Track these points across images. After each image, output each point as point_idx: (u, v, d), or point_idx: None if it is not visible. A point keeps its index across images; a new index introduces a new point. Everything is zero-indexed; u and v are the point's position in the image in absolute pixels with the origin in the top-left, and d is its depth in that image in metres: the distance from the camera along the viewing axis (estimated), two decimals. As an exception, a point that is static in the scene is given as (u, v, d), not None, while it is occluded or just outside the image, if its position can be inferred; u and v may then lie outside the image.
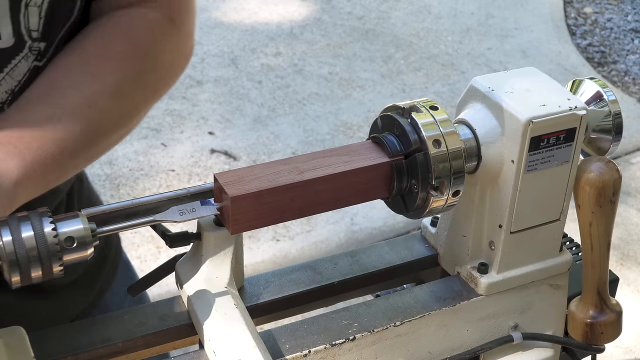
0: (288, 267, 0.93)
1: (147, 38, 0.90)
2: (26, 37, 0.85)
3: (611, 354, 2.33)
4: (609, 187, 0.84)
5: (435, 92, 3.51)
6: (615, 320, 0.90)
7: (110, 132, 0.87)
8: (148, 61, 0.90)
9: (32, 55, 0.88)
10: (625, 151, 3.22)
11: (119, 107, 0.87)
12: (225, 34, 3.82)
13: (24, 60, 0.87)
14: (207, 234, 0.81)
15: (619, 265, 2.66)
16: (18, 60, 0.86)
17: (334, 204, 0.80)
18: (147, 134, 3.11)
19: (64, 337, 0.82)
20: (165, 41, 0.92)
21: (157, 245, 2.55)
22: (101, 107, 0.84)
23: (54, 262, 0.69)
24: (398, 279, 0.97)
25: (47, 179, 0.80)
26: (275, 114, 3.29)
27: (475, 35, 3.98)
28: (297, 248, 2.65)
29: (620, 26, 4.20)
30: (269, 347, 0.79)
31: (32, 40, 0.86)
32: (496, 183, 0.85)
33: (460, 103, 0.87)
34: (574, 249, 1.04)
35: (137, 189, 2.85)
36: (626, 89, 3.72)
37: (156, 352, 0.85)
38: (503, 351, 0.91)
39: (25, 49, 0.86)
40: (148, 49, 0.90)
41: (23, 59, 0.87)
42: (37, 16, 0.85)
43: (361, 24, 4.00)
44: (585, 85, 0.90)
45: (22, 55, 0.86)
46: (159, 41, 0.91)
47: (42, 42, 0.88)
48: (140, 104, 0.91)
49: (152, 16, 0.91)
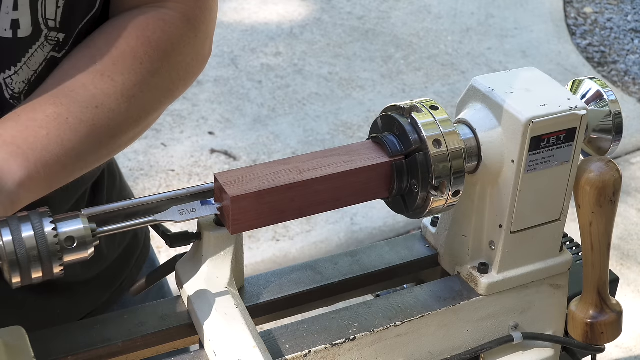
0: (288, 267, 0.93)
1: (162, 38, 0.88)
2: (42, 25, 0.84)
3: (611, 354, 2.32)
4: (609, 187, 0.84)
5: (435, 92, 3.51)
6: (616, 320, 0.90)
7: (119, 133, 0.85)
8: (162, 62, 0.87)
9: (49, 45, 0.86)
10: (625, 151, 3.22)
11: (128, 109, 0.85)
12: (225, 34, 3.82)
13: (40, 49, 0.85)
14: (207, 234, 0.81)
15: (619, 265, 2.66)
16: (35, 50, 0.85)
17: (334, 204, 0.80)
18: (147, 134, 3.11)
19: (64, 337, 0.82)
20: (182, 42, 0.89)
21: (157, 245, 2.55)
22: (110, 107, 0.83)
23: (54, 262, 0.69)
24: (398, 279, 0.97)
25: (51, 180, 0.78)
26: (275, 114, 3.29)
27: (475, 35, 3.98)
28: (297, 248, 2.65)
29: (620, 26, 4.20)
30: (269, 347, 0.79)
31: (49, 30, 0.85)
32: (496, 183, 0.85)
33: (460, 103, 0.87)
34: (574, 249, 1.04)
35: (137, 189, 2.85)
36: (626, 89, 3.72)
37: (156, 352, 0.85)
38: (503, 351, 0.91)
39: (42, 37, 0.85)
40: (162, 50, 0.88)
41: (39, 47, 0.85)
42: (54, 5, 0.83)
43: (361, 24, 4.00)
44: (586, 85, 0.90)
45: (39, 44, 0.85)
46: (175, 42, 0.89)
47: (60, 32, 0.86)
48: (152, 106, 0.88)
49: (169, 16, 0.89)
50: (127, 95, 0.84)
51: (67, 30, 0.87)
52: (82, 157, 0.81)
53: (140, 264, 1.15)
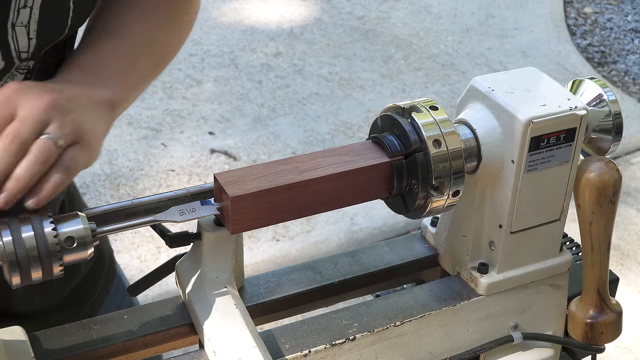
0: (288, 267, 0.93)
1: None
2: (15, 58, 0.89)
3: (611, 354, 2.32)
4: (609, 187, 0.84)
5: (435, 92, 3.51)
6: (615, 320, 0.90)
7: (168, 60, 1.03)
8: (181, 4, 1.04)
9: (20, 74, 0.92)
10: (625, 151, 3.22)
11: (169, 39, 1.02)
12: (225, 34, 3.82)
13: (9, 78, 0.91)
14: (207, 234, 0.81)
15: (619, 265, 2.66)
16: (4, 81, 0.90)
17: (334, 204, 0.80)
18: (147, 134, 3.11)
19: (64, 337, 0.82)
20: None
21: (157, 245, 2.55)
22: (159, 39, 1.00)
23: (54, 262, 0.69)
24: (398, 279, 0.97)
25: (128, 102, 0.93)
26: (275, 114, 3.29)
27: (475, 35, 3.98)
28: (297, 248, 2.65)
29: (620, 26, 4.20)
30: (269, 347, 0.79)
31: (21, 61, 0.90)
32: (496, 183, 0.85)
33: (460, 103, 0.87)
34: (574, 249, 1.04)
35: (137, 189, 2.85)
36: (626, 89, 3.72)
37: (156, 352, 0.85)
38: (503, 351, 0.91)
39: (13, 69, 0.90)
40: None
41: (9, 77, 0.91)
42: (25, 37, 0.88)
43: (361, 24, 4.00)
44: (585, 85, 0.90)
45: (9, 75, 0.91)
46: None
47: (31, 60, 0.92)
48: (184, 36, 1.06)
49: None
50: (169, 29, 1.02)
51: (36, 57, 0.92)
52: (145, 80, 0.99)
53: (107, 284, 1.16)
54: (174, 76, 3.45)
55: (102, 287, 1.15)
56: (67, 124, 0.77)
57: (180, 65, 3.53)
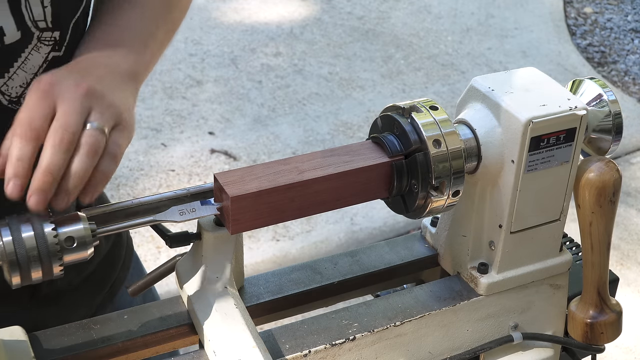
0: (288, 267, 0.93)
1: None
2: (32, 28, 0.86)
3: (611, 354, 2.32)
4: (609, 187, 0.84)
5: (435, 92, 3.51)
6: (615, 320, 0.90)
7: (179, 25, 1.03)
8: None
9: (46, 45, 0.89)
10: (625, 151, 3.22)
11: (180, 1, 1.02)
12: (225, 34, 3.82)
13: (34, 51, 0.88)
14: (207, 234, 0.81)
15: (619, 265, 2.66)
16: (28, 53, 0.88)
17: (334, 204, 0.80)
18: (147, 134, 3.11)
19: (64, 337, 0.82)
20: None
21: (157, 245, 2.55)
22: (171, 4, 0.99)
23: (54, 262, 0.69)
24: (398, 279, 0.97)
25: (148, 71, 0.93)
26: (275, 114, 3.29)
27: (475, 35, 3.98)
28: (297, 248, 2.65)
29: (620, 26, 4.20)
30: (269, 347, 0.79)
31: (41, 31, 0.88)
32: (496, 183, 0.85)
33: (460, 103, 0.87)
34: (574, 249, 1.04)
35: (137, 189, 2.85)
36: (626, 89, 3.72)
37: (156, 352, 0.85)
38: (503, 351, 0.91)
39: (34, 39, 0.87)
40: None
41: (33, 50, 0.88)
42: (39, 6, 0.86)
43: (361, 24, 4.00)
44: (585, 85, 0.90)
45: (32, 47, 0.88)
46: None
47: (55, 31, 0.89)
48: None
49: None
50: None
51: (60, 27, 0.89)
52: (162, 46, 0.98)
53: (126, 267, 1.16)
54: (174, 76, 3.45)
55: (120, 268, 1.15)
56: (107, 108, 0.76)
57: (180, 65, 3.53)
